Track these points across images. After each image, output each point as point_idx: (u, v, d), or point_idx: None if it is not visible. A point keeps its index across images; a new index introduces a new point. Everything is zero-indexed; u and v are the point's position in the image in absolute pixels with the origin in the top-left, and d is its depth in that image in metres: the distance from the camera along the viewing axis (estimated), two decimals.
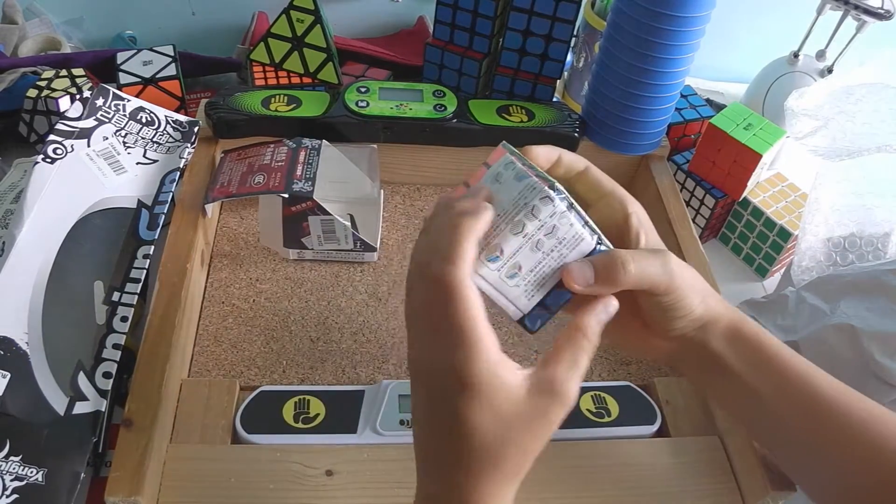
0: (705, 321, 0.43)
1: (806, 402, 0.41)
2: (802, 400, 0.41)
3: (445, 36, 0.69)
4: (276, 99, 0.63)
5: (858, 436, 0.40)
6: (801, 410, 0.41)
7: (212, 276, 0.58)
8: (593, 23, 0.75)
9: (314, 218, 0.55)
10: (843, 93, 0.67)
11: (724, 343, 0.43)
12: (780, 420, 0.42)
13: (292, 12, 0.70)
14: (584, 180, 0.44)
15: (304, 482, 0.43)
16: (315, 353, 0.53)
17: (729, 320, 0.43)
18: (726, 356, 0.43)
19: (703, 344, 0.43)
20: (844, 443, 0.40)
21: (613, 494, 0.45)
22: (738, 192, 0.68)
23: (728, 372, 0.43)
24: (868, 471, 0.39)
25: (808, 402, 0.41)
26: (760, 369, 0.42)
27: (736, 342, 0.43)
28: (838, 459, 0.40)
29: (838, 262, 0.64)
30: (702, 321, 0.43)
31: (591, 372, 0.54)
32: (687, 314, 0.42)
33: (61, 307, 0.47)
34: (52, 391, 0.44)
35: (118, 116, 0.58)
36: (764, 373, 0.42)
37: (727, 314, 0.43)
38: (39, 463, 0.41)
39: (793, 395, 0.41)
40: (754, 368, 0.42)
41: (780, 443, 0.43)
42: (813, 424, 0.41)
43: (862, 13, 0.73)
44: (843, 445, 0.40)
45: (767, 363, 0.42)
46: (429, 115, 0.62)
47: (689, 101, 0.75)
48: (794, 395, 0.41)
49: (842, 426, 0.40)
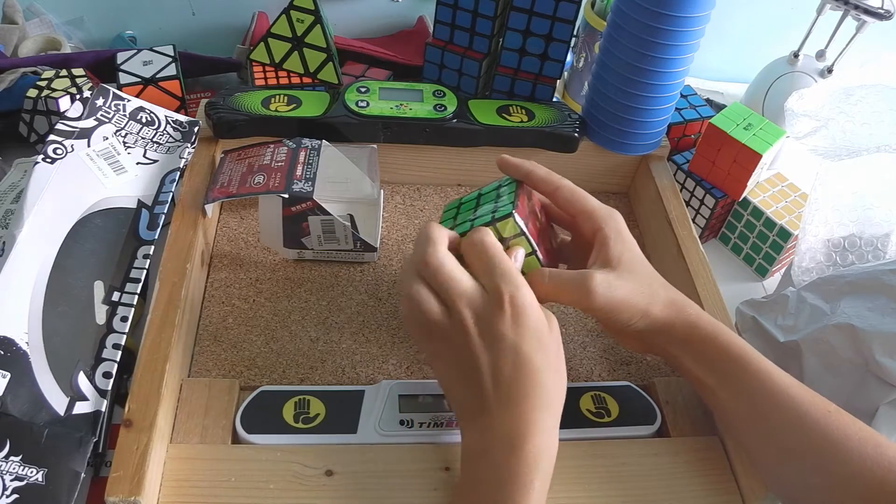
0: (657, 328, 0.46)
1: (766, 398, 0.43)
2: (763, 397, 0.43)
3: (445, 36, 0.69)
4: (276, 99, 0.63)
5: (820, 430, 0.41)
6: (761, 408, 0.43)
7: (212, 276, 0.58)
8: (593, 23, 0.75)
9: (314, 218, 0.55)
10: (843, 93, 0.67)
11: (680, 347, 0.46)
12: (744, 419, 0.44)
13: (292, 12, 0.70)
14: (556, 199, 0.49)
15: (304, 482, 0.43)
16: (315, 353, 0.53)
17: (683, 324, 0.45)
18: (684, 359, 0.46)
19: (662, 348, 0.47)
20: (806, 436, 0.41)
21: (613, 494, 0.45)
22: (738, 192, 0.68)
23: (688, 374, 0.46)
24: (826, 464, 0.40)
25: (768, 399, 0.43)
26: (718, 368, 0.44)
27: (691, 346, 0.45)
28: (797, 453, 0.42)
29: (838, 263, 0.64)
30: (651, 329, 0.46)
31: (590, 372, 0.54)
32: (624, 327, 0.46)
33: (61, 307, 0.47)
34: (52, 391, 0.44)
35: (118, 116, 0.58)
36: (721, 371, 0.44)
37: (680, 318, 0.46)
38: (39, 463, 0.41)
39: (752, 394, 0.43)
40: (712, 369, 0.45)
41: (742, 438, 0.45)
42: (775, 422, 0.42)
43: (862, 13, 0.73)
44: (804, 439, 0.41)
45: (724, 363, 0.44)
46: (429, 115, 0.62)
47: (689, 101, 0.75)
48: (754, 393, 0.43)
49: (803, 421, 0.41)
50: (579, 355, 0.55)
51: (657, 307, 0.45)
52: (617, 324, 0.46)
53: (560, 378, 0.42)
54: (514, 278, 0.42)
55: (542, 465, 0.39)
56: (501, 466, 0.38)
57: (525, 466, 0.38)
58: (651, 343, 0.48)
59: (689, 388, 0.52)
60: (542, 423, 0.40)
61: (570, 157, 0.65)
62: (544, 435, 0.39)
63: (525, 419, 0.39)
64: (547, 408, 0.40)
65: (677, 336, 0.46)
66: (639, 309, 0.45)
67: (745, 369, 0.43)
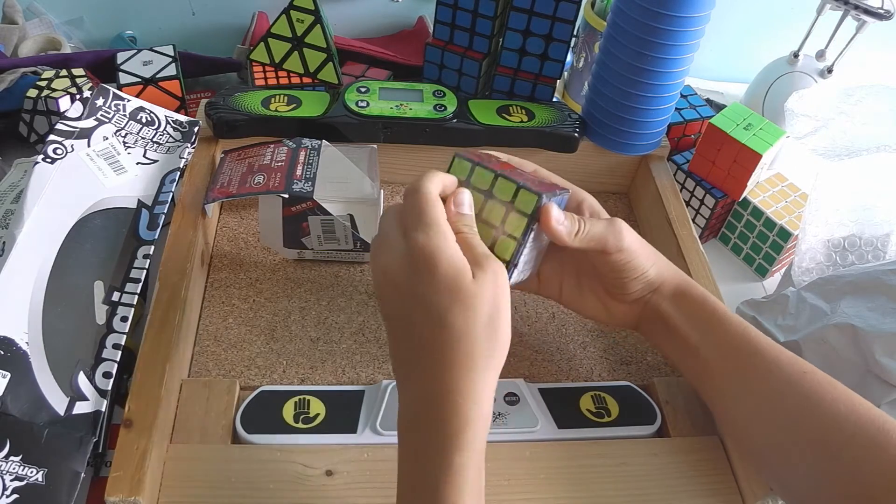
0: (658, 284, 0.48)
1: (743, 357, 0.44)
2: (740, 356, 0.44)
3: (445, 36, 0.69)
4: (276, 99, 0.63)
5: (793, 388, 0.42)
6: (738, 366, 0.44)
7: (212, 276, 0.58)
8: (593, 23, 0.75)
9: (314, 218, 0.55)
10: (843, 94, 0.67)
11: (671, 304, 0.48)
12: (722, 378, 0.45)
13: (292, 12, 0.70)
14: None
15: (304, 482, 0.43)
16: (315, 353, 0.53)
17: (677, 283, 0.48)
18: (674, 316, 0.47)
19: (655, 306, 0.48)
20: (779, 395, 0.42)
21: (613, 494, 0.45)
22: (738, 192, 0.68)
23: (675, 331, 0.47)
24: (802, 423, 0.41)
25: (745, 358, 0.44)
26: (701, 327, 0.46)
27: (682, 302, 0.47)
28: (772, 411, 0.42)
29: (838, 263, 0.64)
30: (655, 284, 0.48)
31: (590, 372, 0.54)
32: (640, 275, 0.47)
33: (61, 307, 0.47)
34: (52, 391, 0.44)
35: (118, 116, 0.58)
36: (704, 330, 0.46)
37: (676, 278, 0.48)
38: (39, 463, 0.41)
39: (732, 352, 0.45)
40: (696, 326, 0.46)
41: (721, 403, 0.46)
42: (750, 381, 0.44)
43: (862, 13, 0.73)
44: (777, 397, 0.42)
45: (708, 321, 0.46)
46: (429, 115, 0.62)
47: (689, 101, 0.75)
48: (733, 351, 0.45)
49: (777, 379, 0.43)
50: (579, 355, 0.55)
51: (661, 262, 0.49)
52: (629, 273, 0.47)
53: (492, 335, 0.37)
54: (426, 222, 0.38)
55: (463, 439, 0.35)
56: (420, 441, 0.36)
57: (444, 441, 0.35)
58: (644, 304, 0.48)
59: (689, 387, 0.52)
60: (464, 389, 0.35)
61: (569, 157, 0.65)
62: (467, 403, 0.35)
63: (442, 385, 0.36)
64: (470, 370, 0.36)
65: (673, 293, 0.48)
66: (651, 257, 0.48)
67: (728, 330, 0.45)
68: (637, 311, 0.49)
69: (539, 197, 0.43)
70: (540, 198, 0.43)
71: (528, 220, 0.43)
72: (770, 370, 0.43)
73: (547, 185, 0.45)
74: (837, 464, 0.39)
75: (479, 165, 0.45)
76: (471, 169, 0.45)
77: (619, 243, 0.45)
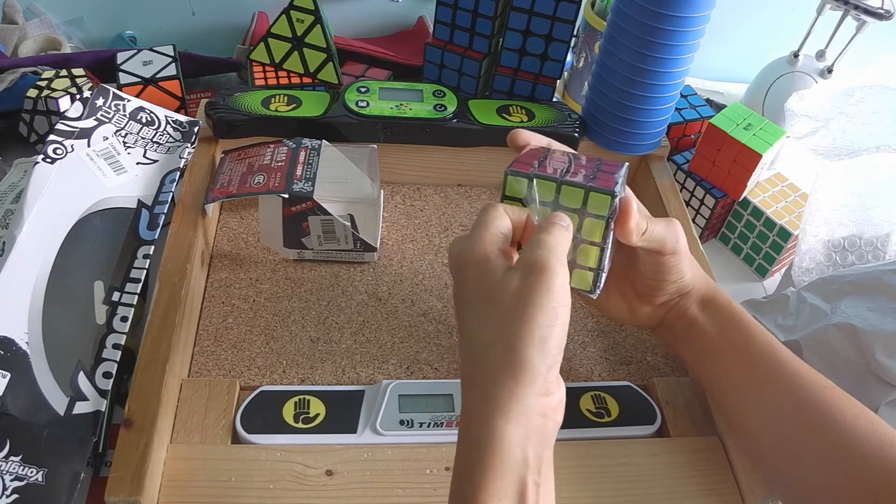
0: (689, 289, 0.48)
1: (765, 366, 0.44)
2: (762, 364, 0.45)
3: (445, 36, 0.69)
4: (276, 99, 0.63)
5: (813, 401, 0.42)
6: (759, 374, 0.44)
7: (212, 276, 0.58)
8: (593, 23, 0.75)
9: (314, 218, 0.55)
10: (843, 94, 0.68)
11: (699, 309, 0.48)
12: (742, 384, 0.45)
13: (292, 12, 0.70)
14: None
15: (304, 482, 0.43)
16: (315, 353, 0.53)
17: (706, 289, 0.48)
18: (701, 321, 0.47)
19: (682, 310, 0.48)
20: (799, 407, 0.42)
21: (613, 494, 0.45)
22: (738, 192, 0.68)
23: (700, 336, 0.47)
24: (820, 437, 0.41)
25: (767, 367, 0.44)
26: (726, 333, 0.46)
27: (709, 308, 0.48)
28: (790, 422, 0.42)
29: (838, 263, 0.64)
30: (686, 288, 0.48)
31: (590, 372, 0.54)
32: (679, 278, 0.47)
33: (61, 307, 0.47)
34: (52, 391, 0.44)
35: (118, 116, 0.58)
36: (729, 336, 0.46)
37: (705, 283, 0.49)
38: (39, 463, 0.41)
39: (754, 359, 0.45)
40: (722, 332, 0.47)
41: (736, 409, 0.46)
42: (770, 390, 0.44)
43: (862, 13, 0.73)
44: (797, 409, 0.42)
45: (734, 328, 0.46)
46: (429, 115, 0.62)
47: (689, 101, 0.75)
48: (755, 359, 0.45)
49: (799, 390, 0.43)
50: (579, 355, 0.55)
51: (695, 266, 0.49)
52: (672, 276, 0.47)
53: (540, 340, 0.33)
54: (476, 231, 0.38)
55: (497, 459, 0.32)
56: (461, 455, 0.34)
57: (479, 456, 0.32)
58: (670, 308, 0.49)
59: (690, 388, 0.52)
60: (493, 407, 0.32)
61: None
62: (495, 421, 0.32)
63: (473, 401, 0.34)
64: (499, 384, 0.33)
65: (702, 298, 0.48)
66: (691, 262, 0.48)
67: (751, 337, 0.46)
68: (662, 314, 0.49)
69: (613, 197, 0.41)
70: (613, 197, 0.41)
71: (605, 222, 0.42)
72: (792, 381, 0.43)
73: (605, 174, 0.43)
74: (851, 480, 0.39)
75: (536, 177, 0.42)
76: (528, 184, 0.42)
77: (675, 245, 0.45)
